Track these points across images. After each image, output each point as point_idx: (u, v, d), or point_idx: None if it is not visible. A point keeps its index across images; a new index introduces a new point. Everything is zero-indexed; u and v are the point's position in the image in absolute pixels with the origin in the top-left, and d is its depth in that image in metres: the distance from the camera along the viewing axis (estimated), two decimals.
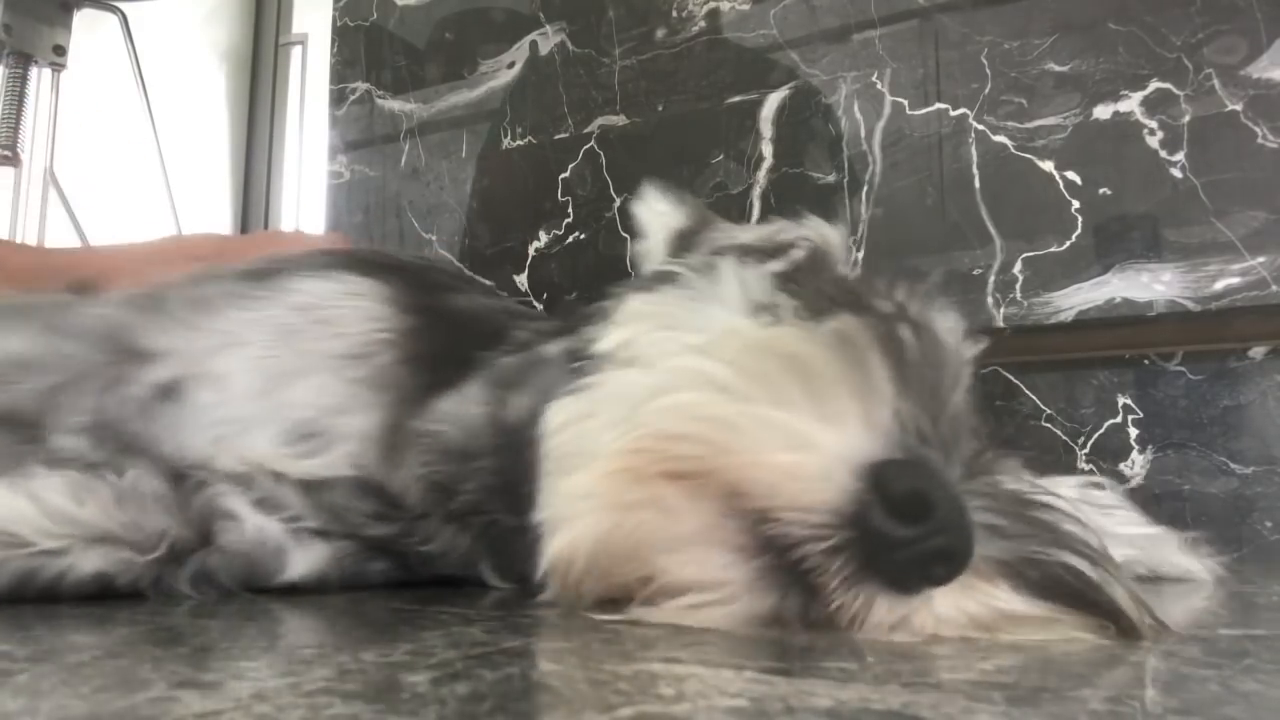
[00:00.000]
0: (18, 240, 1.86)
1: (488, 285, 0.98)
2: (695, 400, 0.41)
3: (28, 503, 0.48)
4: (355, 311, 0.58)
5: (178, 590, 0.51)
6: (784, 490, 0.38)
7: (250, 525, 0.54)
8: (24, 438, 0.54)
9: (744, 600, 0.40)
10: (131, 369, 0.55)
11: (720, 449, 0.40)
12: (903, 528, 0.37)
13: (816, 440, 0.38)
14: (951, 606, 0.39)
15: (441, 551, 0.58)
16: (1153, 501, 0.96)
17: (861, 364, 0.40)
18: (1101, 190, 1.03)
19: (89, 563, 0.48)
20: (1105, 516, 0.65)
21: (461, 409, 0.56)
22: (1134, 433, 1.01)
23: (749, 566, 0.39)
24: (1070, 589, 0.40)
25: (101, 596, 0.49)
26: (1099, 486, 0.69)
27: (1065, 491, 0.65)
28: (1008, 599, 0.39)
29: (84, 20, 1.52)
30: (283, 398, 0.55)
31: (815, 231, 0.63)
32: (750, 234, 0.66)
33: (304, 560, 0.55)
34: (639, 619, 0.42)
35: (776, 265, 0.56)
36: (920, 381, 0.40)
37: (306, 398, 0.55)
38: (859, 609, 0.39)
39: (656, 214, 0.67)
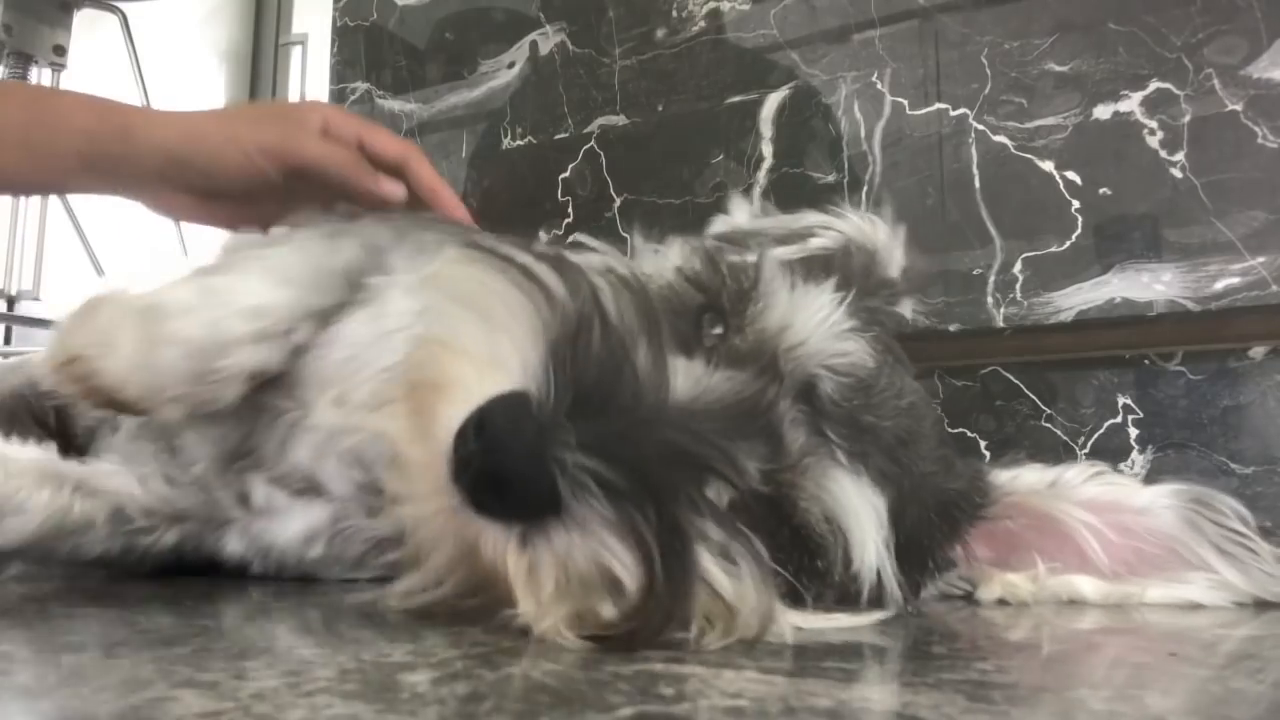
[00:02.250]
0: (16, 240, 1.87)
1: None
2: (421, 334, 0.46)
3: (137, 486, 0.59)
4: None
5: (226, 555, 0.60)
6: (438, 416, 0.41)
7: (260, 494, 0.61)
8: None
9: (427, 503, 0.42)
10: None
11: (419, 371, 0.44)
12: (468, 445, 0.39)
13: (463, 375, 0.41)
14: (563, 550, 0.39)
15: None
16: None
17: (515, 308, 0.42)
18: (1101, 190, 1.03)
19: (170, 537, 0.59)
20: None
21: None
22: (1134, 433, 1.01)
23: (430, 479, 0.41)
24: (676, 568, 0.38)
25: (174, 568, 0.60)
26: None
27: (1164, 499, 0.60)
28: (616, 556, 0.38)
29: (84, 20, 1.52)
30: None
31: (852, 225, 0.63)
32: (766, 222, 0.67)
33: (302, 519, 0.60)
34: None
35: (789, 251, 0.57)
36: (571, 332, 0.41)
37: None
38: (472, 534, 0.40)
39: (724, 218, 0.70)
